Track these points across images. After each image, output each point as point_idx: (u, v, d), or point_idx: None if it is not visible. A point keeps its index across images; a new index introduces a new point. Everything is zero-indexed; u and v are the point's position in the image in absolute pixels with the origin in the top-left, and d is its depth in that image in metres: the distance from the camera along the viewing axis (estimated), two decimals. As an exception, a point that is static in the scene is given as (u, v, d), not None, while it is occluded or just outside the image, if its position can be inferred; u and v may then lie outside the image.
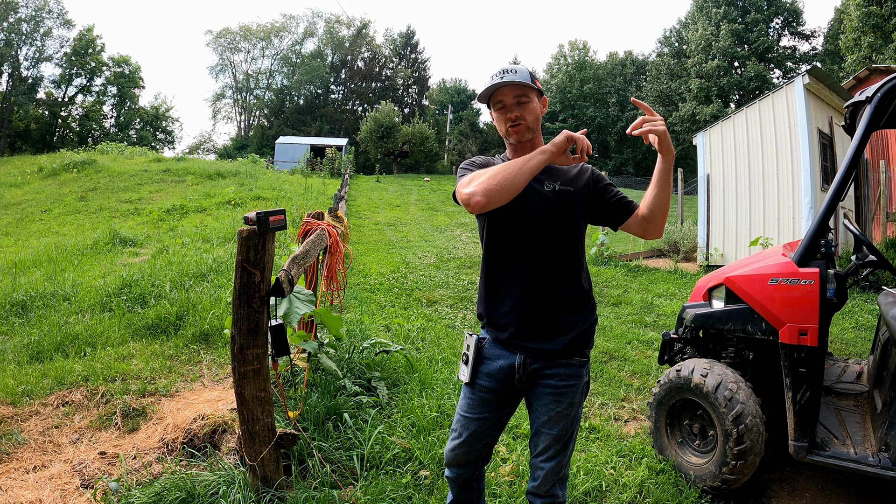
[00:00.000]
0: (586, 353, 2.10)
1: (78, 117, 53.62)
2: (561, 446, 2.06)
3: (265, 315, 2.56)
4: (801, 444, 2.85)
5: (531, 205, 2.04)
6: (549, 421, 2.05)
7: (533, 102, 2.07)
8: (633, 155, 53.74)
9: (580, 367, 2.07)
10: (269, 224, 2.44)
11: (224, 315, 5.73)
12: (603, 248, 11.01)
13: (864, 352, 5.54)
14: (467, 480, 2.26)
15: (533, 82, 2.05)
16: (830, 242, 2.92)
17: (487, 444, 2.20)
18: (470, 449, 2.17)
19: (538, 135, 2.13)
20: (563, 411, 2.04)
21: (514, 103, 2.05)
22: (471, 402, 2.16)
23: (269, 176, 23.96)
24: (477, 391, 2.15)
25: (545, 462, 2.06)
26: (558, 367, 2.05)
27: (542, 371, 2.06)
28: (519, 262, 2.06)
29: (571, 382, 2.05)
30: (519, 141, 2.09)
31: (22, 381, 4.46)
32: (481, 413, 2.14)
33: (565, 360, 2.05)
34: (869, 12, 23.83)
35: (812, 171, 9.03)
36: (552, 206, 2.05)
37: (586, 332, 2.09)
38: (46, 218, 16.26)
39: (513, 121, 2.05)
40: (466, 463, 2.21)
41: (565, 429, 2.05)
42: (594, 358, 5.51)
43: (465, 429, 2.16)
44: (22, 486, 3.08)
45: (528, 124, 2.07)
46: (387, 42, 65.60)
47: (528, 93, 2.05)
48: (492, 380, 2.11)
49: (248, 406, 2.61)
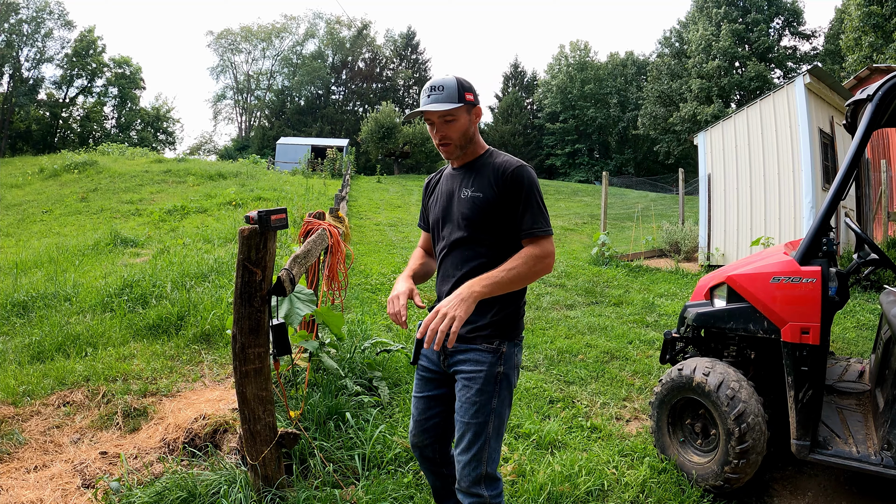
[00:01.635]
0: (496, 344, 2.10)
1: (79, 118, 53.69)
2: (472, 436, 2.04)
3: (266, 314, 2.56)
4: (804, 442, 2.84)
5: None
6: (462, 408, 2.08)
7: (459, 120, 2.11)
8: (634, 155, 53.76)
9: (490, 353, 2.09)
10: (271, 223, 2.44)
11: (225, 315, 5.73)
12: (604, 248, 11.00)
13: (866, 351, 5.53)
14: (432, 462, 2.34)
15: (462, 95, 2.08)
16: (832, 241, 2.92)
17: (439, 422, 2.28)
18: (424, 428, 2.29)
19: (474, 143, 2.20)
20: (472, 398, 2.05)
21: (440, 122, 2.10)
22: (417, 382, 2.34)
23: (270, 177, 23.95)
24: (419, 370, 2.33)
25: (461, 455, 2.06)
26: (468, 353, 2.10)
27: (457, 355, 2.13)
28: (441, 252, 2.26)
29: (479, 369, 2.07)
30: (447, 158, 2.20)
31: (23, 381, 4.46)
32: (423, 391, 2.30)
33: (474, 346, 2.10)
34: (870, 12, 23.80)
35: (813, 170, 9.02)
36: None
37: (499, 322, 2.11)
38: (47, 219, 16.27)
39: (440, 140, 2.13)
40: (424, 444, 2.31)
41: (476, 417, 2.04)
42: (596, 357, 5.51)
43: (416, 408, 2.32)
44: (23, 486, 3.09)
45: (455, 142, 2.13)
46: (387, 43, 65.71)
47: (453, 112, 2.08)
48: (429, 360, 2.27)
49: (250, 405, 2.61)
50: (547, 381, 4.86)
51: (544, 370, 5.18)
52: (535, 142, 57.07)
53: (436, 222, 2.27)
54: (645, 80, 51.72)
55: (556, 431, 3.80)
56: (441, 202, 2.26)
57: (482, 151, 2.23)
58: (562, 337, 6.14)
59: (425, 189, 2.43)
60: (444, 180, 2.30)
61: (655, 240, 13.45)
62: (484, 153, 2.22)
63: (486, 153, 2.22)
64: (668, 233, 12.72)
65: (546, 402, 4.43)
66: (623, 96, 54.92)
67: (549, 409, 4.28)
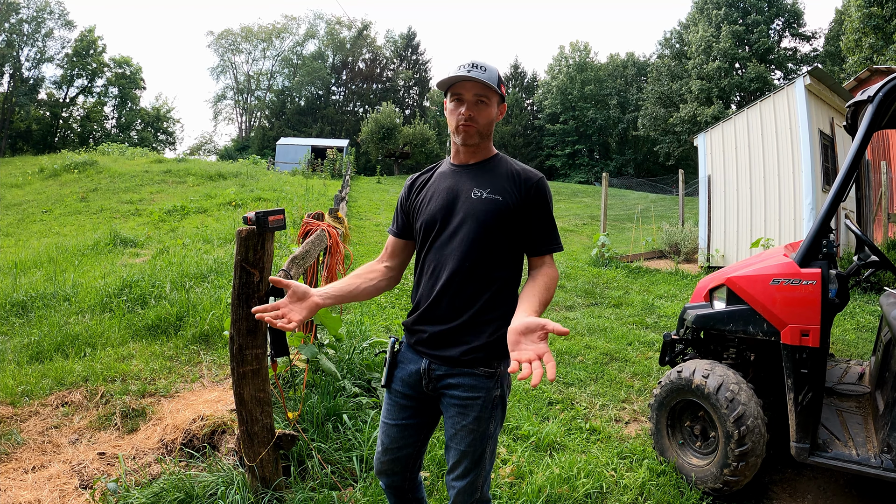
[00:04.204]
0: (494, 366, 1.94)
1: (79, 118, 53.71)
2: (470, 464, 1.93)
3: (264, 315, 2.55)
4: (803, 445, 2.83)
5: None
6: (456, 435, 1.94)
7: (492, 106, 1.96)
8: (634, 156, 53.75)
9: (487, 378, 1.93)
10: (268, 224, 2.43)
11: (224, 316, 5.72)
12: (604, 249, 11.00)
13: (866, 353, 5.52)
14: (399, 490, 2.17)
15: (499, 87, 1.95)
16: (832, 243, 2.91)
17: (412, 453, 2.11)
18: (395, 457, 2.09)
19: (488, 141, 2.04)
20: (469, 426, 1.91)
21: (472, 100, 1.93)
22: (389, 408, 2.10)
23: (269, 177, 23.94)
24: (392, 395, 2.09)
25: (456, 481, 1.96)
26: (462, 377, 1.93)
27: (446, 379, 1.95)
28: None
29: (476, 395, 1.91)
30: (465, 143, 1.98)
31: (21, 381, 4.45)
32: (396, 419, 2.07)
33: (469, 369, 1.93)
34: (870, 13, 23.79)
35: (813, 171, 9.02)
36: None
37: (497, 342, 1.93)
38: (47, 218, 16.27)
39: (466, 119, 1.93)
40: (393, 472, 2.12)
41: (474, 445, 1.92)
42: (595, 359, 5.50)
43: (387, 436, 2.09)
44: (21, 487, 3.08)
45: (480, 128, 1.96)
46: (388, 43, 65.75)
47: (490, 95, 1.94)
48: (405, 385, 2.05)
49: (247, 407, 2.60)
50: (545, 383, 4.85)
51: (543, 371, 5.16)
52: (534, 143, 57.07)
53: (430, 221, 2.01)
54: (645, 82, 51.77)
55: (555, 433, 3.79)
56: (439, 200, 2.01)
57: (493, 153, 2.07)
58: (560, 338, 6.13)
59: (410, 187, 2.16)
60: (441, 178, 2.08)
61: (655, 241, 13.45)
62: (495, 155, 2.07)
63: (497, 156, 2.07)
64: (668, 234, 12.71)
65: (545, 403, 4.42)
66: (623, 97, 54.93)
67: (547, 411, 4.28)
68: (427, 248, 2.03)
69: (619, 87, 55.56)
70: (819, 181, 9.16)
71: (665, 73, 47.72)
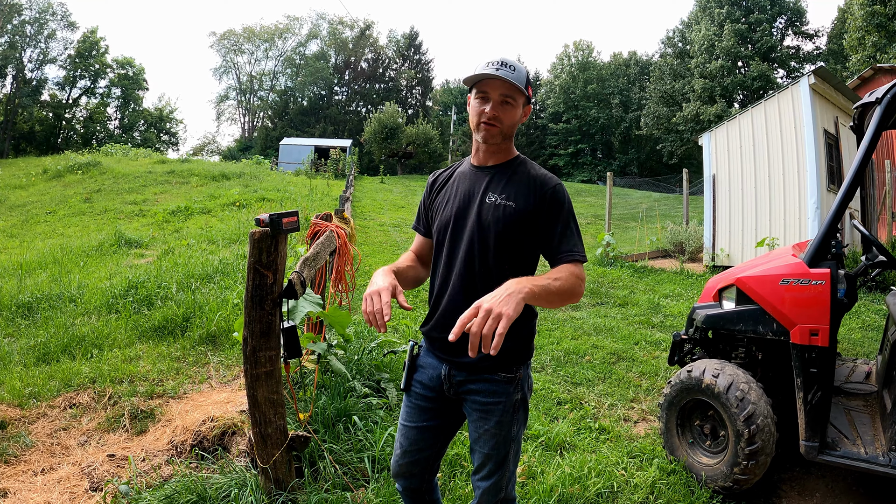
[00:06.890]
0: (514, 370, 1.94)
1: (82, 119, 53.78)
2: (494, 466, 1.95)
3: (277, 317, 2.56)
4: (812, 444, 2.84)
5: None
6: (480, 439, 1.96)
7: (517, 108, 1.92)
8: (637, 155, 53.68)
9: (507, 384, 1.93)
10: (283, 226, 2.44)
11: (231, 317, 5.74)
12: (609, 248, 10.99)
13: (872, 352, 5.52)
14: (416, 492, 2.16)
15: (526, 88, 1.90)
16: (840, 243, 2.92)
17: (431, 455, 2.10)
18: (413, 460, 2.08)
19: (509, 142, 1.99)
20: (491, 430, 1.93)
21: (498, 100, 1.88)
22: (409, 410, 2.09)
23: (273, 177, 23.98)
24: (413, 398, 2.09)
25: (481, 481, 1.98)
26: (482, 383, 1.94)
27: (467, 385, 1.96)
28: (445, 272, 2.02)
29: (497, 400, 1.92)
30: (486, 141, 1.94)
31: (29, 383, 4.47)
32: (417, 421, 2.06)
33: (488, 374, 1.93)
34: (873, 11, 23.70)
35: (818, 171, 9.01)
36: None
37: (515, 347, 1.92)
38: (51, 219, 16.30)
39: (489, 118, 1.88)
40: (411, 475, 2.10)
41: (497, 448, 1.94)
42: (603, 359, 5.51)
43: (405, 438, 2.08)
44: (30, 489, 3.09)
45: (503, 129, 1.91)
46: (390, 43, 65.75)
47: (516, 96, 1.89)
48: (425, 388, 2.05)
49: (261, 408, 2.61)
50: (554, 383, 4.85)
51: (551, 371, 5.18)
52: (537, 142, 57.04)
53: (444, 224, 2.00)
54: (648, 80, 51.61)
55: (565, 433, 3.80)
56: (456, 203, 1.99)
57: (513, 155, 2.02)
58: (568, 338, 6.14)
59: (431, 185, 2.15)
60: (460, 178, 2.06)
61: (660, 240, 13.43)
62: (515, 158, 2.02)
63: (517, 158, 2.02)
64: (673, 233, 12.69)
65: (554, 403, 4.43)
66: (626, 96, 54.84)
67: (557, 411, 4.29)
68: (441, 253, 2.02)
69: (621, 86, 55.46)
70: (824, 180, 9.16)
71: (668, 72, 47.62)
